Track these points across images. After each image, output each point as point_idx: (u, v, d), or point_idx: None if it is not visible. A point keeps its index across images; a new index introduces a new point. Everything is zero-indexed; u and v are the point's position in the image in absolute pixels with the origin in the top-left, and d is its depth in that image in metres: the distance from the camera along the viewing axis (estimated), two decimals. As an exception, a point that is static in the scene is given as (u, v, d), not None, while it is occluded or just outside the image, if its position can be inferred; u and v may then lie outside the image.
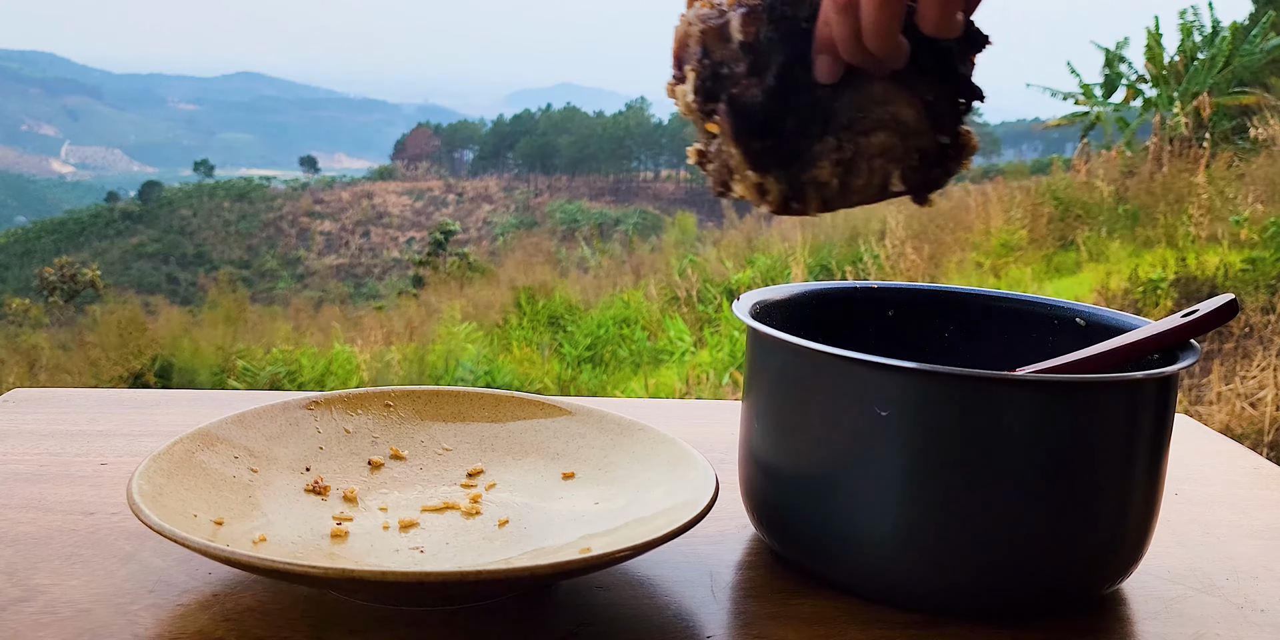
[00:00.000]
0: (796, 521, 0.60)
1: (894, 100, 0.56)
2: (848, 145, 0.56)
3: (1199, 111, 9.01)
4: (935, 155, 0.57)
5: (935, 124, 0.57)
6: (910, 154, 0.57)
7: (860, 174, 0.57)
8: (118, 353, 7.65)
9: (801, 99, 0.56)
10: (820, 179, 0.57)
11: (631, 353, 6.47)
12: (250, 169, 67.78)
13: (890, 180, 0.57)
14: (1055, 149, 13.19)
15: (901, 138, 0.57)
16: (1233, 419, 4.47)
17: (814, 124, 0.56)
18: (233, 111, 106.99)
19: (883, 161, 0.57)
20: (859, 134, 0.56)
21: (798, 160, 0.56)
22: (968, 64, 0.59)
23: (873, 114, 0.56)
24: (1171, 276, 6.17)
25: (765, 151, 0.56)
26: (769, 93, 0.55)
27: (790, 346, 0.58)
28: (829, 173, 0.56)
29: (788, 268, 7.20)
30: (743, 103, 0.55)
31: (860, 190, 0.57)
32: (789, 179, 0.57)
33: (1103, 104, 10.61)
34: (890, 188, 0.57)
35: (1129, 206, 7.49)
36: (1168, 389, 0.59)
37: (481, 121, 48.16)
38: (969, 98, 0.58)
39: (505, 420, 0.75)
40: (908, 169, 0.57)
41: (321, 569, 0.49)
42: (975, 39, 0.58)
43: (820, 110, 0.56)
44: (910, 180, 0.57)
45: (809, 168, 0.57)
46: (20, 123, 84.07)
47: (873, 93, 0.56)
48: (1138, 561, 0.61)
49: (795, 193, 0.57)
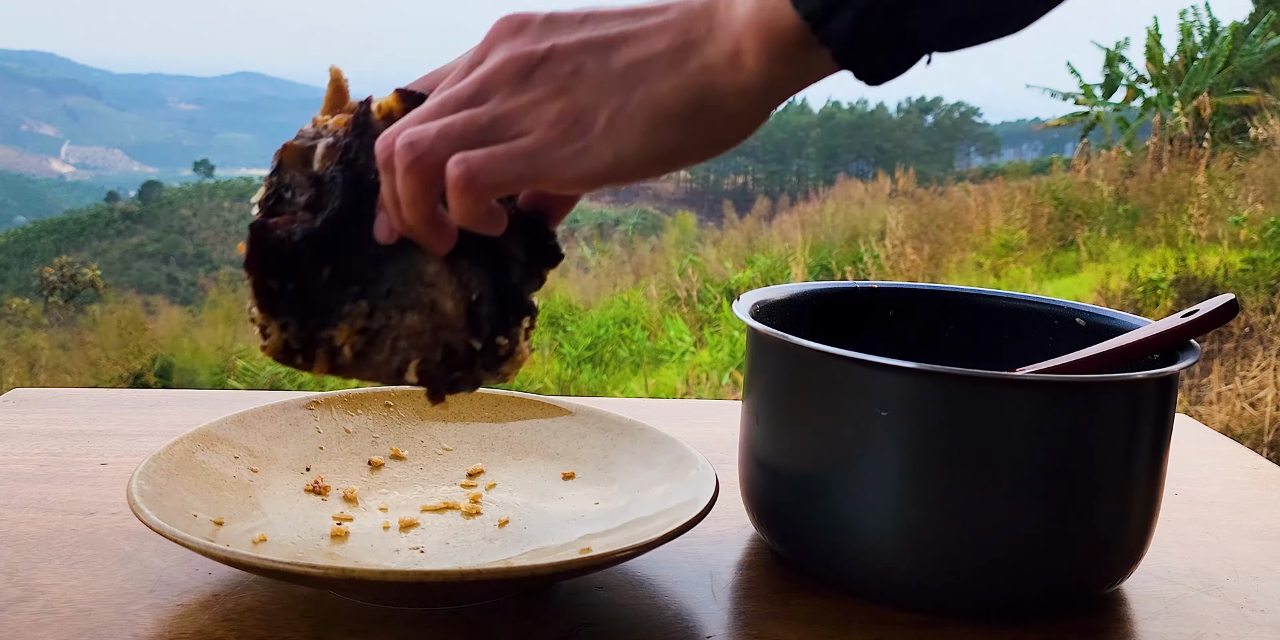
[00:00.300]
0: (796, 521, 0.60)
1: (441, 286, 0.52)
2: (380, 315, 0.52)
3: (1199, 111, 9.02)
4: (463, 357, 0.52)
5: (472, 325, 0.52)
6: (435, 347, 0.52)
7: (381, 350, 0.52)
8: (118, 353, 7.66)
9: (352, 252, 0.51)
10: (336, 342, 0.52)
11: (631, 353, 6.47)
12: (250, 169, 67.76)
13: (409, 367, 0.52)
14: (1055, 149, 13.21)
15: (434, 327, 0.52)
16: (1233, 419, 4.47)
17: (355, 283, 0.52)
18: (233, 111, 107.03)
19: (407, 345, 0.52)
20: (396, 308, 0.52)
21: (319, 314, 0.52)
22: (532, 277, 0.54)
23: (415, 292, 0.52)
24: (1171, 276, 6.18)
25: (281, 294, 0.51)
26: (309, 234, 0.50)
27: (790, 346, 0.58)
28: (347, 338, 0.52)
29: (788, 268, 7.20)
30: (274, 236, 0.51)
31: (375, 366, 0.53)
32: (303, 331, 0.52)
33: (1103, 104, 10.62)
34: (405, 375, 0.53)
35: (1129, 206, 7.49)
36: (1168, 389, 0.59)
37: (481, 121, 48.13)
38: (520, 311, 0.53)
39: (505, 420, 0.75)
40: (428, 362, 0.52)
41: (321, 569, 0.49)
42: (548, 253, 0.53)
43: (368, 270, 0.52)
44: (426, 374, 0.52)
45: (330, 326, 0.52)
46: (20, 123, 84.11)
47: (424, 271, 0.52)
48: (1138, 561, 0.61)
49: (305, 347, 0.52)
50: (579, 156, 0.44)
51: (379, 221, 0.50)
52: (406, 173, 0.46)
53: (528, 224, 0.53)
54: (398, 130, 0.47)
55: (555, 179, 0.45)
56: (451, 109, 0.46)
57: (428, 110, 0.47)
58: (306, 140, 0.53)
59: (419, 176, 0.46)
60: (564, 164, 0.44)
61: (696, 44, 0.44)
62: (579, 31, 0.45)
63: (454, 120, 0.45)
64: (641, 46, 0.44)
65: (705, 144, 0.45)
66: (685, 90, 0.43)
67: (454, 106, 0.46)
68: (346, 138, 0.52)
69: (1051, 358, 0.64)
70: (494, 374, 0.54)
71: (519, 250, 0.53)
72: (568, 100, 0.44)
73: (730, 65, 0.43)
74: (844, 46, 0.41)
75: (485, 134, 0.45)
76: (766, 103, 0.44)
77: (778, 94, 0.44)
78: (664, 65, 0.44)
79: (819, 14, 0.40)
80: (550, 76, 0.45)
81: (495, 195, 0.46)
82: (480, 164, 0.44)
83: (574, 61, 0.45)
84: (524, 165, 0.44)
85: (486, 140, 0.45)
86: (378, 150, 0.47)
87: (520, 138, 0.45)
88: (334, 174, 0.51)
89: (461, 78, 0.47)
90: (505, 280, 0.53)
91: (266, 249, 0.51)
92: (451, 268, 0.52)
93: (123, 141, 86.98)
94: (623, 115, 0.44)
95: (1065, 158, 9.54)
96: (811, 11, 0.40)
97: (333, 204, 0.51)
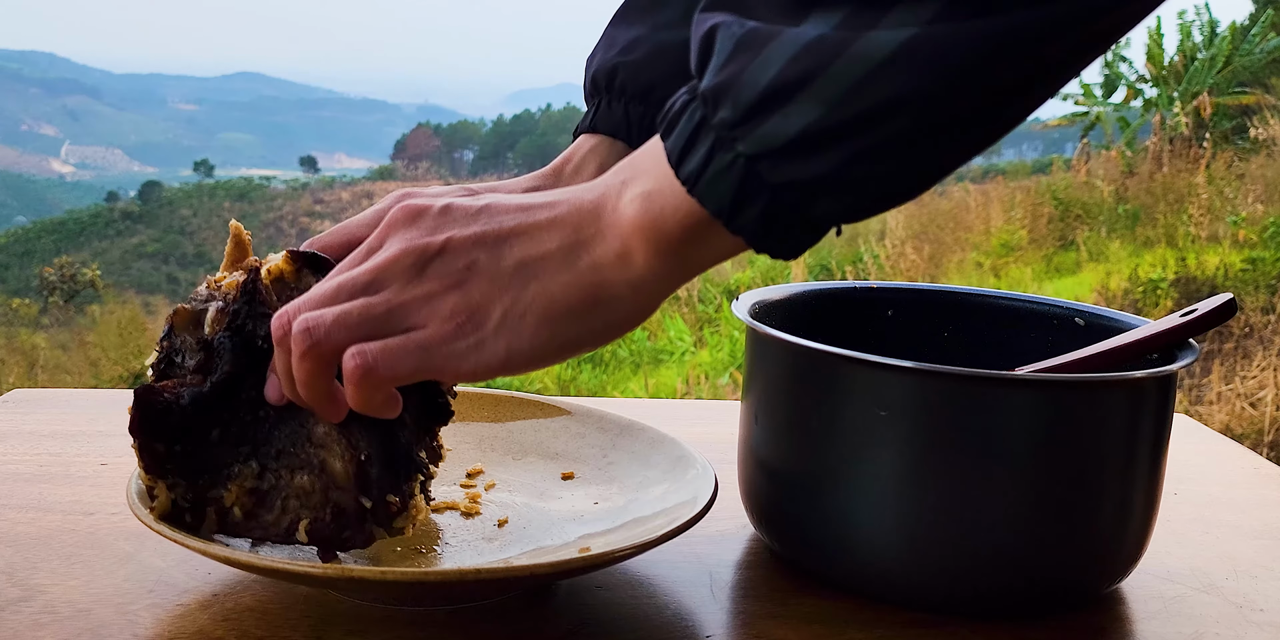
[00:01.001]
0: (796, 521, 0.60)
1: (330, 446, 0.53)
2: (270, 475, 0.53)
3: (1199, 111, 9.02)
4: (353, 516, 0.53)
5: (362, 484, 0.53)
6: (326, 506, 0.53)
7: (271, 510, 0.53)
8: (118, 353, 7.66)
9: (241, 414, 0.53)
10: (226, 501, 0.53)
11: (631, 353, 6.46)
12: (250, 169, 67.78)
13: (299, 526, 0.53)
14: (1055, 149, 13.19)
15: (323, 488, 0.53)
16: (1233, 419, 4.47)
17: (245, 444, 0.53)
18: (233, 111, 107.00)
19: (297, 504, 0.53)
20: (285, 468, 0.53)
21: (209, 474, 0.53)
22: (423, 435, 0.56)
23: (304, 452, 0.53)
24: (1171, 276, 6.17)
25: (169, 456, 0.52)
26: (197, 398, 0.52)
27: (790, 346, 0.58)
28: (237, 498, 0.53)
29: (788, 268, 7.20)
30: (161, 399, 0.52)
31: (266, 526, 0.53)
32: (192, 491, 0.53)
33: (1103, 104, 10.61)
34: (296, 535, 0.53)
35: (1129, 206, 7.49)
36: (1167, 388, 0.59)
37: (481, 121, 48.16)
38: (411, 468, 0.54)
39: (504, 420, 0.75)
40: (319, 521, 0.53)
41: (320, 568, 0.49)
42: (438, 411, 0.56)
43: (257, 431, 0.53)
44: (316, 534, 0.53)
45: (219, 485, 0.53)
46: (20, 123, 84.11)
47: (313, 432, 0.53)
48: (1137, 561, 0.61)
49: (194, 506, 0.53)
50: (474, 351, 0.45)
51: (269, 384, 0.52)
52: (302, 358, 0.47)
53: (419, 386, 0.55)
54: (295, 311, 0.48)
55: (451, 371, 0.46)
56: (347, 296, 0.47)
57: (324, 294, 0.47)
58: (199, 303, 0.54)
59: (314, 362, 0.47)
60: (459, 357, 0.45)
61: (586, 243, 0.45)
62: (474, 225, 0.46)
63: (350, 309, 0.46)
64: (533, 243, 0.45)
65: (600, 333, 0.46)
66: (577, 287, 0.44)
67: (349, 293, 0.47)
68: (235, 303, 0.53)
69: (1051, 357, 0.65)
70: (387, 530, 0.54)
71: (408, 412, 0.54)
72: (461, 294, 0.45)
73: (620, 263, 0.44)
74: (755, 235, 0.42)
75: (381, 325, 0.46)
76: (659, 293, 0.45)
77: (671, 284, 0.45)
78: (555, 263, 0.45)
79: (728, 211, 0.41)
80: (444, 270, 0.46)
81: (392, 386, 0.47)
82: (376, 357, 0.45)
83: (469, 256, 0.46)
84: (419, 358, 0.45)
85: (382, 331, 0.46)
86: (273, 327, 0.48)
87: (416, 330, 0.46)
88: (223, 339, 0.52)
89: (358, 262, 0.48)
90: (394, 439, 0.54)
91: (151, 413, 0.51)
92: (340, 429, 0.53)
93: (123, 141, 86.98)
94: (516, 311, 0.45)
95: (1065, 158, 9.54)
96: (720, 209, 0.41)
97: (221, 368, 0.52)
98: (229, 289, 0.54)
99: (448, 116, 73.39)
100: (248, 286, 0.53)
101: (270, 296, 0.53)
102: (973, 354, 0.70)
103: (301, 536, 0.53)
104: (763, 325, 0.61)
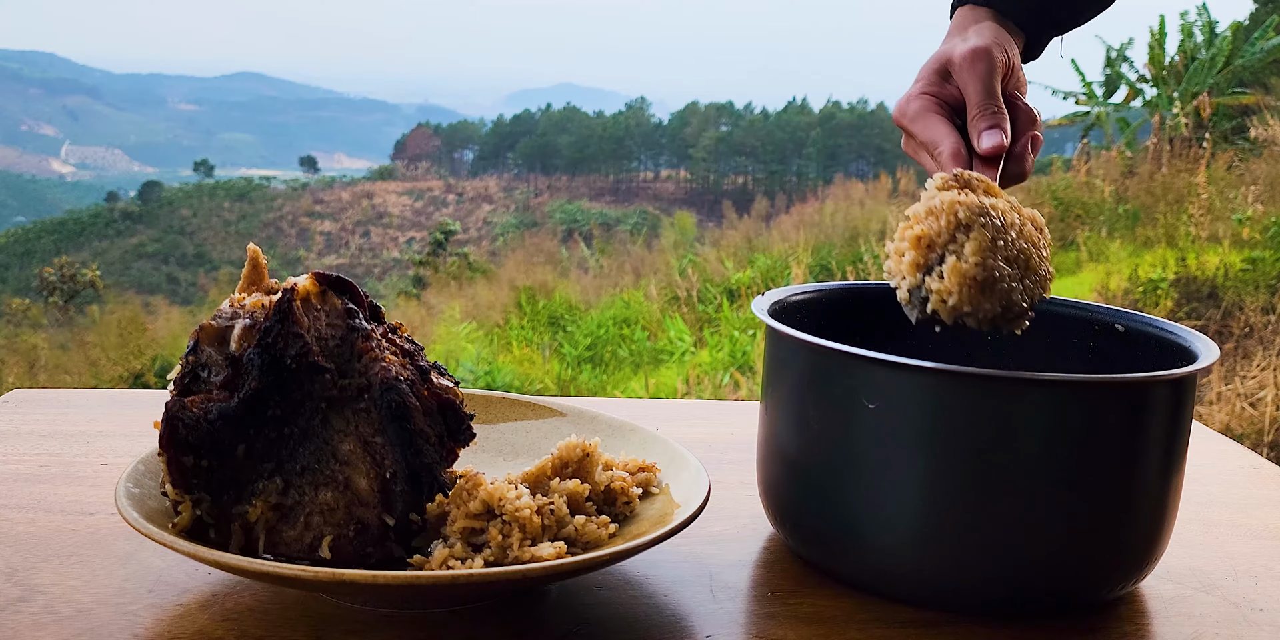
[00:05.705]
0: (815, 520, 0.60)
1: (355, 463, 0.53)
2: (294, 491, 0.53)
3: (1199, 111, 9.01)
4: (376, 533, 0.54)
5: (386, 501, 0.53)
6: (349, 524, 0.53)
7: (295, 525, 0.54)
8: (118, 353, 7.65)
9: (267, 431, 0.53)
10: (250, 517, 0.53)
11: (631, 353, 6.46)
12: (250, 169, 67.75)
13: (322, 543, 0.53)
14: (1055, 149, 13.17)
15: (347, 504, 0.53)
16: (1233, 419, 4.46)
17: (270, 460, 0.53)
18: (233, 111, 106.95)
19: (320, 521, 0.53)
20: (310, 485, 0.53)
21: (233, 490, 0.53)
22: (446, 455, 0.57)
23: (329, 469, 0.53)
24: (1171, 276, 6.17)
25: (196, 471, 0.52)
26: (225, 414, 0.52)
27: (812, 347, 0.58)
28: (261, 513, 0.53)
29: (788, 268, 7.19)
30: (190, 414, 0.52)
31: (289, 542, 0.54)
32: (217, 507, 0.53)
33: (1103, 104, 10.61)
34: (319, 551, 0.54)
35: (1129, 206, 7.49)
36: (1182, 390, 0.58)
37: (481, 121, 48.13)
38: (435, 487, 0.55)
39: (496, 421, 0.75)
40: (342, 537, 0.53)
41: (313, 573, 0.49)
42: (462, 434, 0.58)
43: (283, 448, 0.53)
44: (341, 550, 0.53)
45: (244, 502, 0.53)
46: (20, 123, 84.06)
47: (339, 449, 0.53)
48: (1154, 564, 0.60)
49: (219, 522, 0.53)
50: None
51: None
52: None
53: (445, 406, 0.56)
54: None
55: None
56: None
57: None
58: (224, 320, 0.55)
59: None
60: None
61: None
62: None
63: None
64: None
65: None
66: None
67: None
68: (267, 321, 0.53)
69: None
70: (406, 548, 0.55)
71: (434, 428, 0.55)
72: None
73: None
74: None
75: None
76: None
77: None
78: None
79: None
80: None
81: None
82: None
83: None
84: None
85: None
86: None
87: None
88: (252, 356, 0.53)
89: None
90: (420, 456, 0.54)
91: (180, 427, 0.52)
92: (365, 446, 0.53)
93: (123, 141, 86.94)
94: None
95: (1065, 158, 9.52)
96: None
97: (249, 385, 0.53)
98: (253, 307, 0.55)
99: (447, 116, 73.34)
100: (282, 306, 0.53)
101: (301, 317, 0.54)
102: (995, 354, 0.69)
103: (325, 552, 0.53)
104: (784, 326, 0.60)
